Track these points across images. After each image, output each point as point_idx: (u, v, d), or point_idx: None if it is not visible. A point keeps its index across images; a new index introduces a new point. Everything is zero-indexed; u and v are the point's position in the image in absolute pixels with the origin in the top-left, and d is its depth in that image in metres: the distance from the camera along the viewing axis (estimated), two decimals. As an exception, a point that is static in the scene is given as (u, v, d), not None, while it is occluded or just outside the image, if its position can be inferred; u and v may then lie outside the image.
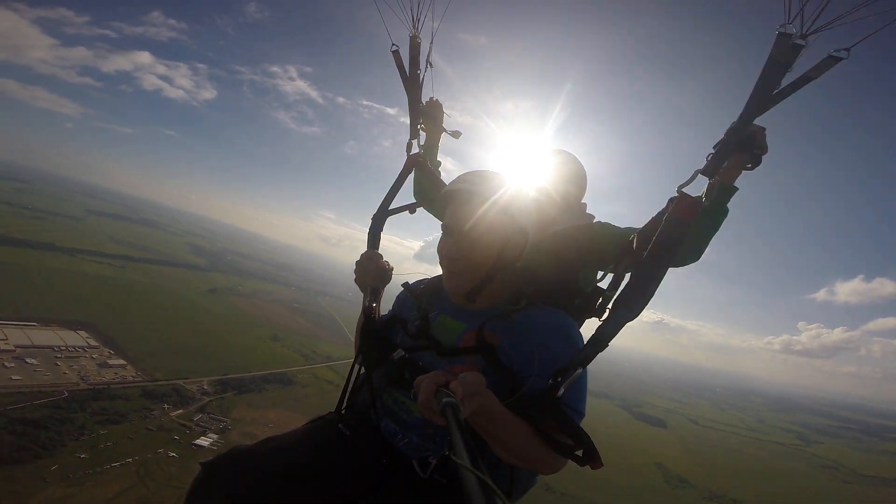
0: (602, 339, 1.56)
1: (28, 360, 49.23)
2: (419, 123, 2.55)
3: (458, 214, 1.73)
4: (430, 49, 2.42)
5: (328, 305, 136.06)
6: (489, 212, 1.69)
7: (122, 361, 56.41)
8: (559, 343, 1.65)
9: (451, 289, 1.80)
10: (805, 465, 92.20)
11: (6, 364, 47.21)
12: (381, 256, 2.19)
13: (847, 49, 1.37)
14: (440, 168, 2.69)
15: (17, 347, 51.35)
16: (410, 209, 2.44)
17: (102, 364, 54.31)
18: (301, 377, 68.64)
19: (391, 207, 2.35)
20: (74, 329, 61.75)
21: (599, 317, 1.68)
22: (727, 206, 1.81)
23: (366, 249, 2.23)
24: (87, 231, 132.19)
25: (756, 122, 1.61)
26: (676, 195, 1.61)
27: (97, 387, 48.23)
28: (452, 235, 1.75)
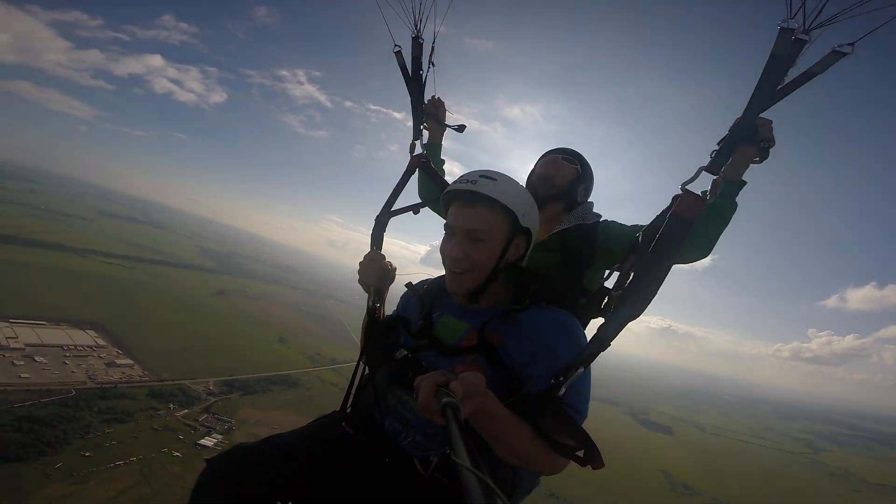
0: (604, 339, 1.54)
1: (37, 359, 49.68)
2: (422, 123, 2.56)
3: (461, 214, 1.72)
4: (433, 50, 2.41)
5: (334, 308, 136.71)
6: (492, 211, 1.68)
7: (130, 361, 56.80)
8: (562, 343, 1.63)
9: (454, 289, 1.79)
10: (813, 473, 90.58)
11: (15, 362, 47.69)
12: (384, 257, 2.18)
13: (851, 44, 1.35)
14: (444, 167, 2.69)
15: (27, 346, 51.89)
16: (414, 209, 2.45)
17: (110, 363, 54.75)
18: (306, 379, 68.77)
19: (394, 208, 2.34)
20: (83, 328, 62.38)
21: (605, 317, 1.65)
22: (736, 201, 1.80)
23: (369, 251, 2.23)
24: (98, 232, 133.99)
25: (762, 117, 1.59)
26: (681, 192, 1.60)
27: (104, 386, 48.52)
28: (455, 235, 1.74)
